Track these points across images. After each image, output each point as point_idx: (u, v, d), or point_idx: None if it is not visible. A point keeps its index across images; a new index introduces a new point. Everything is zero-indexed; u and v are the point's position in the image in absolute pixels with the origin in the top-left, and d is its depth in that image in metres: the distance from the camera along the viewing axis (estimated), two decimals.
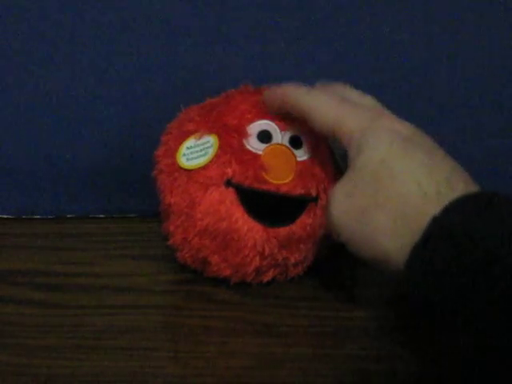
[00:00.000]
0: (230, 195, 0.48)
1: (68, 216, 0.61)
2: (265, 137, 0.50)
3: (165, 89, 0.59)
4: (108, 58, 0.58)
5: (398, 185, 0.40)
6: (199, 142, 0.50)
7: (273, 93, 0.49)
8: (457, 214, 0.38)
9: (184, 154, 0.50)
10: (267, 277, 0.51)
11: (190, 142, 0.51)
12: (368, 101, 0.46)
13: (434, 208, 0.38)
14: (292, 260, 0.50)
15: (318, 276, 0.53)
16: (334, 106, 0.45)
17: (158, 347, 0.46)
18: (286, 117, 0.49)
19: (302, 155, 0.50)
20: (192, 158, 0.50)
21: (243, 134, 0.49)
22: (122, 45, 0.58)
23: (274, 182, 0.49)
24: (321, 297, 0.51)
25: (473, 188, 0.40)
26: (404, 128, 0.43)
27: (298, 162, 0.49)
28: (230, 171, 0.49)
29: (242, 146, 0.49)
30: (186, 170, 0.50)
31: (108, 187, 0.61)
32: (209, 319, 0.49)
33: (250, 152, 0.49)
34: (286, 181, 0.49)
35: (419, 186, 0.40)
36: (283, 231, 0.49)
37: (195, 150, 0.50)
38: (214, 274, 0.51)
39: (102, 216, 0.61)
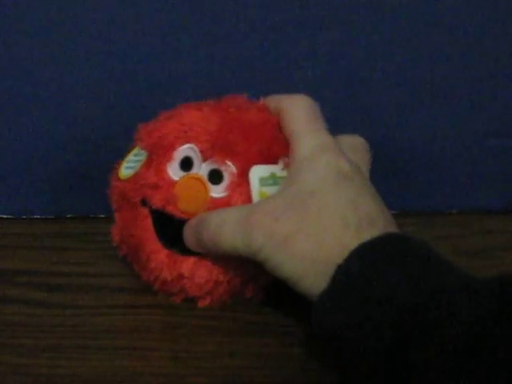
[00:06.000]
0: (143, 214, 0.48)
1: (68, 216, 0.61)
2: (186, 164, 0.48)
3: (164, 90, 0.59)
4: (108, 57, 0.58)
5: (323, 215, 0.42)
6: (140, 152, 0.50)
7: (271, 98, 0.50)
8: (358, 262, 0.40)
9: (128, 161, 0.50)
10: (177, 299, 0.50)
11: (136, 149, 0.50)
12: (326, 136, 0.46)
13: (351, 240, 0.41)
14: (195, 291, 0.48)
15: None
16: (303, 119, 0.46)
17: (157, 347, 0.46)
18: (215, 146, 0.47)
19: (218, 192, 0.47)
20: (128, 168, 0.50)
21: (167, 157, 0.48)
22: (118, 45, 0.58)
23: (184, 211, 0.47)
24: None
25: (391, 228, 0.42)
26: (344, 164, 0.44)
27: (211, 199, 0.47)
28: (143, 191, 0.48)
29: (162, 170, 0.48)
30: (119, 178, 0.50)
31: (108, 187, 0.61)
32: (209, 319, 0.48)
33: (166, 177, 0.48)
34: (196, 214, 0.47)
35: (343, 220, 0.42)
36: (188, 261, 0.47)
37: (134, 160, 0.50)
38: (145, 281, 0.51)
39: (101, 216, 0.61)
